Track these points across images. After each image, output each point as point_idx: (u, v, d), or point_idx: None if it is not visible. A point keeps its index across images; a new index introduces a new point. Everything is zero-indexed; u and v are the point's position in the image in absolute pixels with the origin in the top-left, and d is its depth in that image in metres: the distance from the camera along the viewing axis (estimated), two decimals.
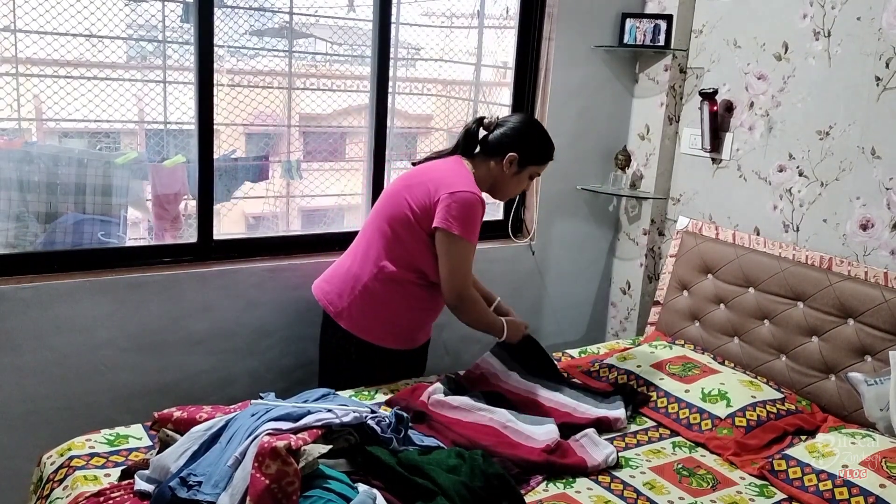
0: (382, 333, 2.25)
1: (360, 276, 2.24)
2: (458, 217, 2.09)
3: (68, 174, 2.40)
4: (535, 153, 2.26)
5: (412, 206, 2.15)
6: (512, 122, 2.26)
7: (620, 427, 2.16)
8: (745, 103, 2.79)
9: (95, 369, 2.34)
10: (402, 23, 2.98)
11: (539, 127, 2.32)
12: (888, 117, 2.34)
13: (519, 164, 2.24)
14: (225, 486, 1.53)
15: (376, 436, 1.73)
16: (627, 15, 3.00)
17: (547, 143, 2.29)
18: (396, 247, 2.18)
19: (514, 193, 2.38)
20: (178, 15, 2.60)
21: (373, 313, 2.22)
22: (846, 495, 1.82)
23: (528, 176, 2.29)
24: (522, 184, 2.31)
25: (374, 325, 2.24)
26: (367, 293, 2.22)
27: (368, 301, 2.22)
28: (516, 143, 2.22)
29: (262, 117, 2.89)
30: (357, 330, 2.24)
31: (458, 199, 2.10)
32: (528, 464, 1.87)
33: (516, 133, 2.23)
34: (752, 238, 2.66)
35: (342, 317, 2.26)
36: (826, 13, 2.50)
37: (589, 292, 3.35)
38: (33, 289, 2.22)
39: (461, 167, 2.23)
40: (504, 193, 2.34)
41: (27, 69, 2.38)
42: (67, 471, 1.74)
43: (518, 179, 2.28)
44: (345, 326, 2.25)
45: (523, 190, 2.40)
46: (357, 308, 2.23)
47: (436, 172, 2.20)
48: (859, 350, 2.27)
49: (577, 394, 2.26)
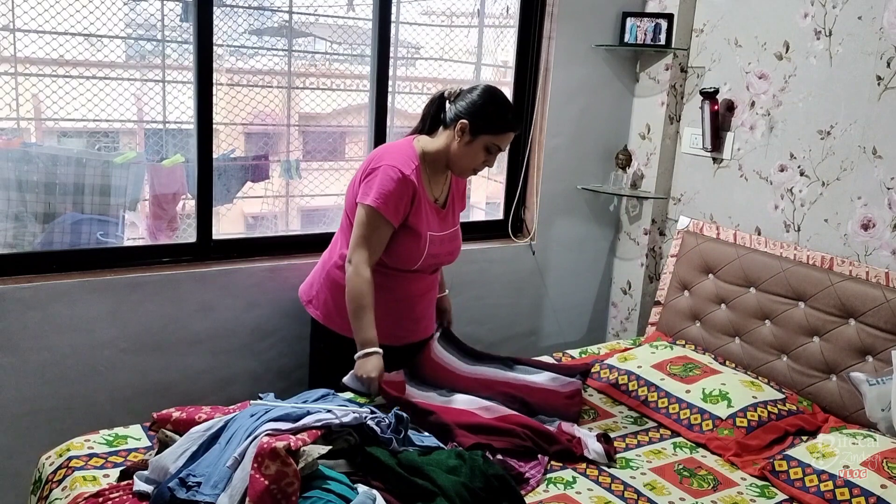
0: (343, 321, 2.20)
1: (325, 264, 2.31)
2: (371, 187, 2.08)
3: (67, 174, 2.39)
4: (487, 121, 2.11)
5: (354, 189, 2.18)
6: (469, 90, 2.15)
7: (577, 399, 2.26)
8: (746, 103, 2.78)
9: (94, 369, 2.33)
10: (401, 22, 2.98)
11: (496, 95, 2.15)
12: (889, 117, 2.33)
13: (471, 133, 2.11)
14: (224, 486, 1.52)
15: (376, 436, 1.72)
16: (628, 14, 3.00)
17: (501, 110, 2.13)
18: (350, 233, 2.20)
19: (469, 167, 2.19)
20: (178, 14, 2.59)
21: (334, 301, 2.25)
22: (847, 496, 1.81)
23: (485, 147, 2.13)
24: (477, 156, 2.15)
25: (334, 313, 2.25)
26: (329, 280, 2.27)
27: (332, 288, 2.26)
28: (468, 110, 2.11)
29: (261, 117, 2.89)
30: (324, 319, 2.29)
31: (374, 173, 2.10)
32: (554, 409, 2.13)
33: (470, 101, 2.12)
34: (753, 238, 2.65)
35: (312, 305, 2.33)
36: (827, 12, 2.49)
37: (589, 292, 3.34)
38: (32, 289, 2.21)
39: (405, 145, 2.19)
40: (459, 167, 2.19)
41: (26, 68, 2.38)
42: (66, 471, 1.74)
43: (471, 150, 2.13)
44: (313, 315, 2.32)
45: (485, 165, 2.20)
46: (323, 296, 2.29)
47: (376, 154, 2.19)
48: (860, 350, 2.27)
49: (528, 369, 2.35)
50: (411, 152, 2.16)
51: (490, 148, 2.15)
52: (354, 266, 2.09)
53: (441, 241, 2.25)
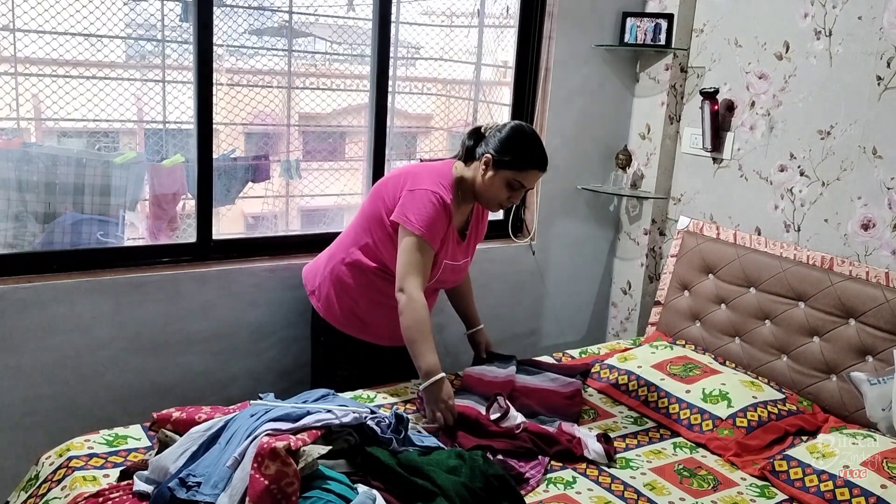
0: (343, 318, 2.28)
1: (332, 259, 2.32)
2: (411, 210, 2.09)
3: (67, 174, 2.40)
4: (510, 156, 2.10)
5: (385, 200, 2.19)
6: (501, 126, 2.17)
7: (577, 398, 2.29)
8: (746, 103, 2.78)
9: (94, 370, 2.33)
10: (401, 22, 2.98)
11: (524, 132, 2.15)
12: (889, 117, 2.33)
13: (494, 167, 2.12)
14: (224, 486, 1.52)
15: (376, 436, 1.72)
16: (628, 14, 3.00)
17: (526, 148, 2.13)
18: (366, 236, 2.22)
19: (493, 200, 2.19)
20: (178, 14, 2.59)
21: (336, 296, 2.28)
22: (847, 496, 1.81)
23: (507, 183, 2.13)
24: (501, 191, 2.14)
25: (336, 308, 2.28)
26: (333, 275, 2.29)
27: (335, 283, 2.28)
28: (494, 144, 2.13)
29: (261, 117, 2.89)
30: (323, 312, 2.31)
31: (415, 194, 2.11)
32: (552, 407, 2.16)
33: (497, 135, 2.14)
34: (753, 238, 2.65)
35: (314, 296, 2.35)
36: (827, 12, 2.49)
37: (589, 292, 3.34)
38: (32, 289, 2.21)
39: (443, 168, 2.21)
40: (483, 198, 2.19)
41: (26, 68, 2.38)
42: (66, 471, 1.74)
43: (493, 183, 2.13)
44: (314, 306, 2.35)
45: (511, 202, 2.21)
46: (325, 290, 2.31)
47: (414, 170, 2.21)
48: (860, 350, 2.27)
49: (528, 369, 2.42)
50: (450, 178, 2.18)
51: (512, 184, 2.14)
52: (408, 294, 2.06)
53: (454, 269, 2.28)
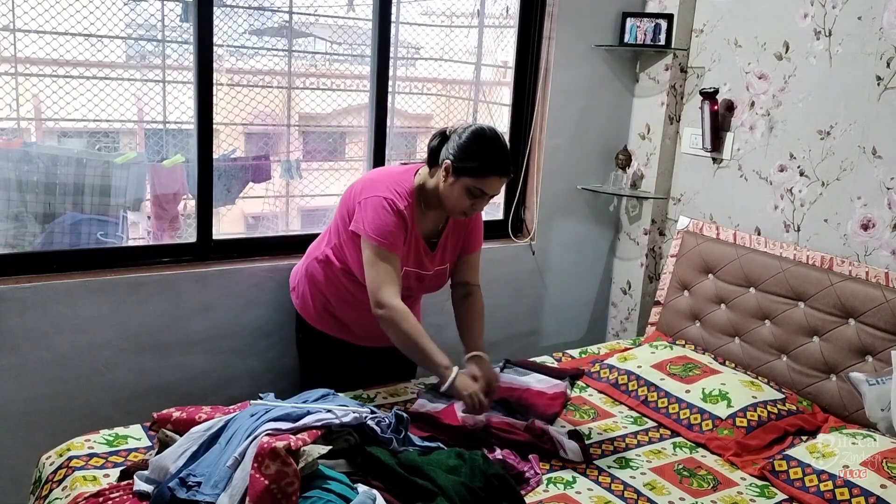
0: (316, 315, 2.30)
1: (308, 256, 2.34)
2: (366, 220, 2.03)
3: (67, 174, 2.40)
4: (468, 163, 1.99)
5: (347, 203, 2.17)
6: (462, 129, 2.04)
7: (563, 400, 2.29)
8: (745, 103, 2.78)
9: (94, 370, 2.33)
10: (401, 22, 2.98)
11: (482, 136, 2.01)
12: (889, 117, 2.33)
13: (454, 173, 2.00)
14: (224, 486, 1.52)
15: (376, 436, 1.72)
16: (628, 14, 3.00)
17: (486, 153, 2.00)
18: (336, 234, 2.22)
19: (456, 208, 2.06)
20: (178, 14, 2.59)
21: (310, 294, 2.30)
22: (847, 496, 1.81)
23: (466, 190, 2.00)
24: (461, 198, 2.02)
25: (310, 304, 2.30)
26: (308, 273, 2.31)
27: (309, 281, 2.30)
28: (454, 150, 2.01)
29: (261, 117, 2.89)
30: (301, 309, 2.35)
31: (368, 202, 2.05)
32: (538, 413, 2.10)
33: (456, 140, 2.02)
34: (752, 238, 2.65)
35: (294, 292, 2.38)
36: (827, 12, 2.49)
37: (589, 292, 3.34)
38: (32, 289, 2.21)
39: (404, 175, 2.13)
40: (447, 206, 2.07)
41: (26, 68, 2.38)
42: (66, 471, 1.74)
43: (453, 190, 2.02)
44: (294, 303, 2.37)
45: (475, 210, 2.09)
46: (302, 288, 2.33)
47: (374, 176, 2.17)
48: (860, 350, 2.27)
49: (518, 370, 2.44)
50: (408, 185, 2.09)
51: (473, 191, 2.01)
52: (387, 306, 1.98)
53: (420, 277, 2.18)
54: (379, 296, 2.00)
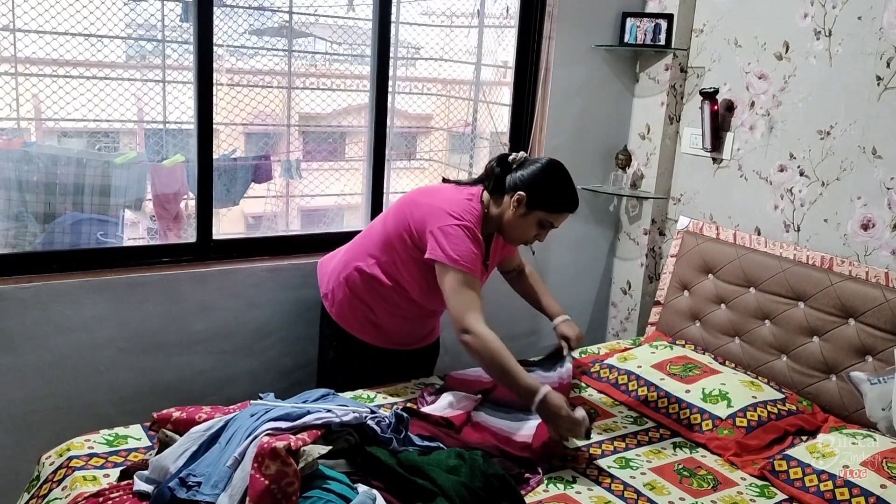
0: (357, 325, 2.27)
1: (347, 264, 2.27)
2: (449, 247, 2.03)
3: (67, 174, 2.40)
4: (545, 198, 2.08)
5: (410, 224, 2.13)
6: (533, 161, 2.13)
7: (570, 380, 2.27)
8: (745, 103, 2.78)
9: (94, 369, 2.33)
10: (401, 22, 2.98)
11: (559, 173, 2.12)
12: (889, 117, 2.33)
13: (527, 206, 2.08)
14: (224, 486, 1.52)
15: (376, 436, 1.72)
16: (628, 14, 3.00)
17: (561, 191, 2.10)
18: (386, 254, 2.18)
19: (521, 238, 2.17)
20: (178, 14, 2.60)
21: (349, 303, 2.26)
22: (847, 496, 1.81)
23: (538, 223, 2.11)
24: (530, 229, 2.12)
25: (349, 314, 2.27)
26: (347, 282, 2.26)
27: (347, 290, 2.26)
28: (528, 183, 2.08)
29: (261, 117, 2.89)
30: (337, 317, 2.29)
31: (449, 229, 2.04)
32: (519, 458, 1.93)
33: (532, 173, 2.09)
34: (752, 238, 2.65)
35: (327, 299, 2.33)
36: (827, 12, 2.49)
37: (589, 292, 3.34)
38: (32, 289, 2.21)
39: (473, 199, 2.14)
40: (510, 236, 2.17)
41: (26, 69, 2.38)
42: (66, 471, 1.74)
43: (525, 223, 2.10)
44: (328, 309, 2.32)
45: (536, 239, 2.17)
46: (339, 296, 2.28)
47: (442, 197, 2.13)
48: (860, 350, 2.27)
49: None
50: (477, 212, 2.11)
51: (544, 223, 2.11)
52: (474, 333, 1.98)
53: None
54: (465, 322, 2.00)
